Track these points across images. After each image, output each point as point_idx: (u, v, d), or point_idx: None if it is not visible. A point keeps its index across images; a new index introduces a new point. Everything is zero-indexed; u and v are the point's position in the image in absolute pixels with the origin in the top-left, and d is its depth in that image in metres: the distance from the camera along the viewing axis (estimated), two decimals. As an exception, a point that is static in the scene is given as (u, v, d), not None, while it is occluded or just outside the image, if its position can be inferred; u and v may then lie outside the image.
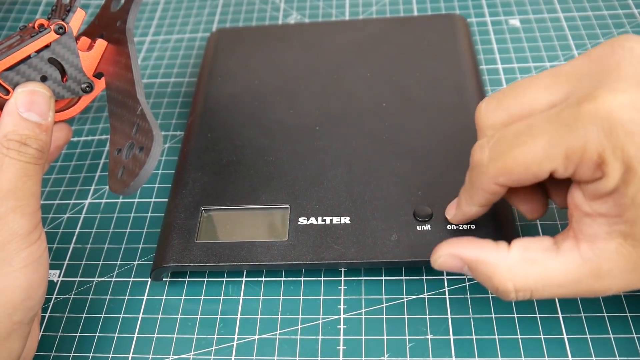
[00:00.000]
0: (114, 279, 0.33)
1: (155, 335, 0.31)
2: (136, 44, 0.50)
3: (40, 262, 0.27)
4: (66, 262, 0.35)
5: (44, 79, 0.29)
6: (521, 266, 0.24)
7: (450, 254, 0.26)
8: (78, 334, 0.31)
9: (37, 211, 0.27)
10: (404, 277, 0.32)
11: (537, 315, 0.29)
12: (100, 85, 0.31)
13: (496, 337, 0.29)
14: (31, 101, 0.28)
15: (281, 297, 0.32)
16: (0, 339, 0.26)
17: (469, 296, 0.30)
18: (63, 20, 0.29)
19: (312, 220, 0.32)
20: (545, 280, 0.24)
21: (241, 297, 0.32)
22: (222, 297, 0.32)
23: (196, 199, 0.34)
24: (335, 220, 0.32)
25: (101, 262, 0.34)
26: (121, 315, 0.32)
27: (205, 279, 0.33)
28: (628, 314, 0.29)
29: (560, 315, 0.29)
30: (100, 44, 0.31)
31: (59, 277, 0.34)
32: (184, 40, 0.49)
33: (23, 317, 0.27)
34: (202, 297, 0.32)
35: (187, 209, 0.33)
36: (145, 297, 0.32)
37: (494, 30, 0.46)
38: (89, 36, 0.33)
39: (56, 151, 0.32)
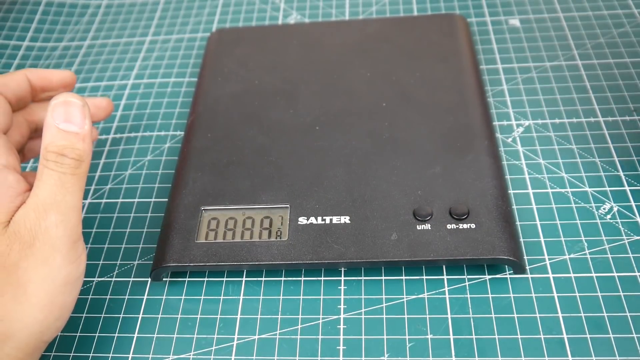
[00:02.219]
0: (114, 279, 0.33)
1: (155, 335, 0.31)
2: (136, 44, 0.50)
3: (77, 284, 0.27)
4: (66, 262, 0.35)
5: None
6: None
7: None
8: (78, 334, 0.31)
9: (78, 226, 0.27)
10: (404, 277, 0.32)
11: (537, 315, 0.29)
12: None
13: (496, 337, 0.29)
14: (66, 112, 0.28)
15: (281, 297, 0.32)
16: (26, 355, 0.26)
17: (469, 296, 0.30)
18: None
19: (312, 219, 0.32)
20: None
21: (241, 297, 0.32)
22: (222, 297, 0.32)
23: (196, 199, 0.34)
24: (335, 219, 0.32)
25: (101, 262, 0.34)
26: (121, 315, 0.32)
27: (205, 279, 0.33)
28: (628, 314, 0.29)
29: (560, 315, 0.29)
30: None
31: (59, 277, 0.34)
32: (184, 40, 0.49)
33: (50, 337, 0.27)
34: (202, 297, 0.32)
35: (187, 209, 0.33)
36: (145, 297, 0.32)
37: (494, 30, 0.46)
38: None
39: None
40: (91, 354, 0.30)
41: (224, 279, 0.33)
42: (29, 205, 0.26)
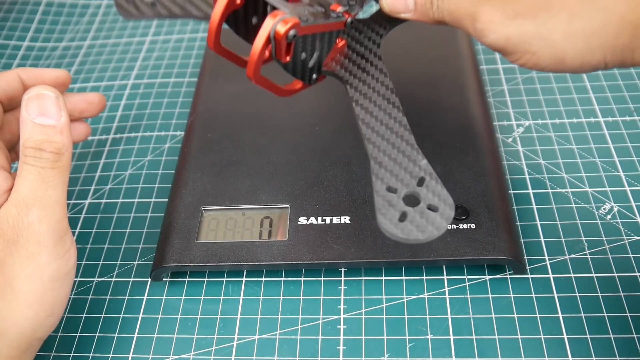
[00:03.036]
0: (114, 279, 0.33)
1: (155, 335, 0.31)
2: (136, 44, 0.50)
3: (67, 279, 0.27)
4: (66, 262, 0.35)
5: (310, 55, 0.29)
6: None
7: None
8: (78, 334, 0.31)
9: (63, 220, 0.27)
10: (404, 277, 0.32)
11: (537, 315, 0.29)
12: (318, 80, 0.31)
13: (496, 337, 0.29)
14: (40, 105, 0.27)
15: (281, 297, 0.32)
16: (20, 352, 0.26)
17: (469, 296, 0.30)
18: (354, 14, 0.30)
19: (312, 220, 0.32)
20: None
21: (241, 297, 0.32)
22: (222, 297, 0.32)
23: (196, 199, 0.34)
24: (335, 220, 0.32)
25: (101, 262, 0.34)
26: (121, 315, 0.32)
27: (205, 279, 0.33)
28: (628, 314, 0.29)
29: (560, 315, 0.29)
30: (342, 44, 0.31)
31: (59, 277, 0.34)
32: (184, 40, 0.49)
33: (44, 334, 0.27)
34: (202, 297, 0.32)
35: (187, 209, 0.33)
36: (145, 297, 0.32)
37: (494, 30, 0.46)
38: None
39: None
40: (91, 354, 0.30)
41: (224, 279, 0.33)
42: (11, 201, 0.26)
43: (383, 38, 0.32)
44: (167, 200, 0.36)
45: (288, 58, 0.27)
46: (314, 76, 0.30)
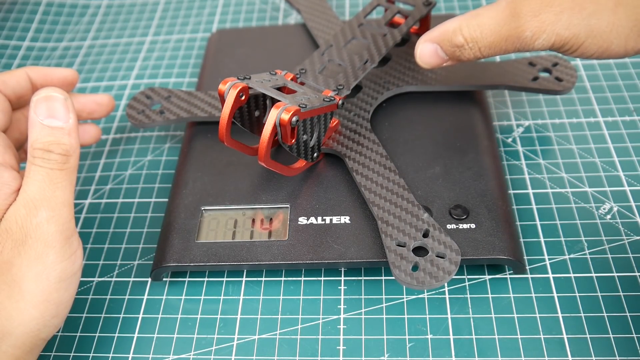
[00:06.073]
0: (114, 279, 0.34)
1: (155, 335, 0.31)
2: (136, 44, 0.50)
3: (73, 280, 0.27)
4: (66, 262, 0.35)
5: (310, 136, 0.32)
6: (467, 20, 0.29)
7: (423, 42, 0.30)
8: (78, 334, 0.31)
9: (70, 221, 0.27)
10: (404, 277, 0.32)
11: (537, 315, 0.29)
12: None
13: (496, 337, 0.29)
14: (48, 107, 0.27)
15: (281, 297, 0.32)
16: (24, 352, 0.26)
17: (469, 296, 0.30)
18: (344, 96, 0.34)
19: (312, 219, 0.32)
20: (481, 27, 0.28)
21: (241, 297, 0.32)
22: (222, 297, 0.32)
23: (196, 199, 0.34)
24: (335, 220, 0.32)
25: (101, 262, 0.34)
26: (121, 315, 0.32)
27: (205, 279, 0.33)
28: (628, 314, 0.29)
29: (560, 315, 0.29)
30: (336, 123, 0.35)
31: (59, 277, 0.34)
32: (184, 41, 0.49)
33: (49, 334, 0.27)
34: (202, 297, 0.32)
35: (187, 209, 0.33)
36: (145, 297, 0.32)
37: (494, 31, 0.46)
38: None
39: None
40: (91, 354, 0.30)
41: (224, 279, 0.33)
42: (19, 202, 0.26)
43: (370, 113, 0.36)
44: (167, 200, 0.36)
45: (293, 141, 0.30)
46: (315, 155, 0.33)
